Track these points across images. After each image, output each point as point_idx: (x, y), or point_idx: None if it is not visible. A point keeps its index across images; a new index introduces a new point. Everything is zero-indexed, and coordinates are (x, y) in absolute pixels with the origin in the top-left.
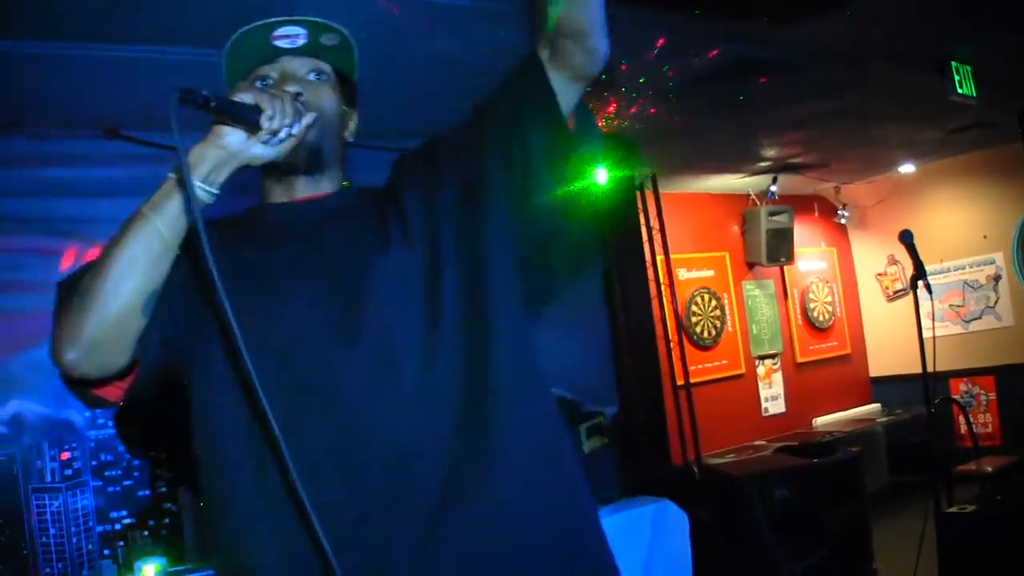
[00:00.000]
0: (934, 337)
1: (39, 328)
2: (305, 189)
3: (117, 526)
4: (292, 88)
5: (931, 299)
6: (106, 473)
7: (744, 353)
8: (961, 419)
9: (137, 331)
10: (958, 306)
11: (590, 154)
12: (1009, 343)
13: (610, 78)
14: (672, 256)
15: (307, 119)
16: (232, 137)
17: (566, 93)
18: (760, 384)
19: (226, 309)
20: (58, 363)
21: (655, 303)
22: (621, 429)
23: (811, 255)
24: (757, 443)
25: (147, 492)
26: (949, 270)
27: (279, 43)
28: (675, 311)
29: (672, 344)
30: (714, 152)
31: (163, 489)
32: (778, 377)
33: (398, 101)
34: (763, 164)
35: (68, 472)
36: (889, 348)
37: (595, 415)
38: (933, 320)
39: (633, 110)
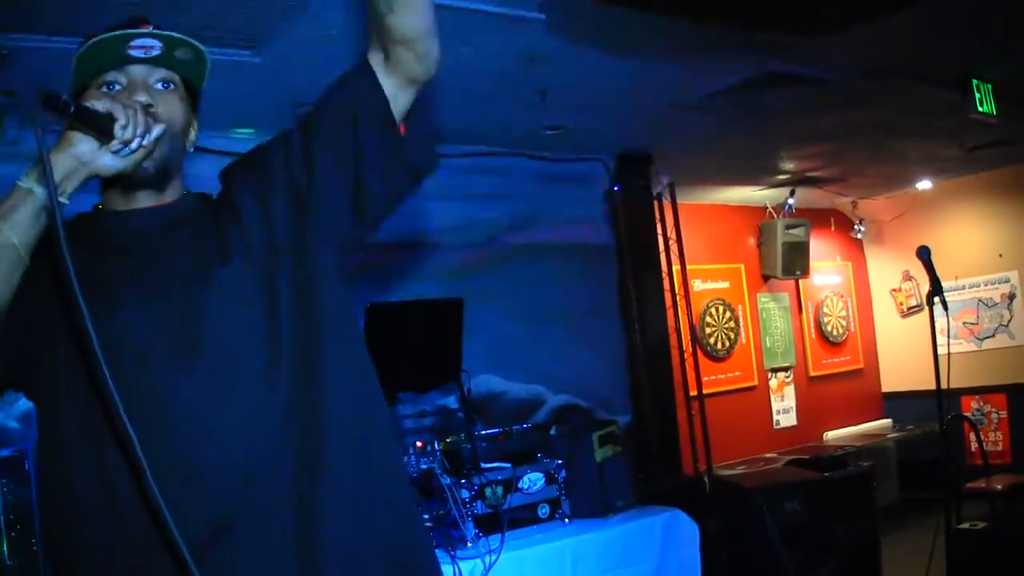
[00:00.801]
0: (949, 354)
1: None
2: (147, 200)
3: None
4: (142, 98)
5: (947, 316)
6: None
7: (757, 365)
8: (972, 436)
9: None
10: (972, 324)
11: (423, 162)
12: (1022, 362)
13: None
14: (688, 267)
15: (157, 131)
16: (84, 146)
17: (399, 97)
18: (772, 397)
19: (84, 315)
20: None
21: (670, 313)
22: (634, 438)
23: (826, 269)
24: (768, 455)
25: None
26: (964, 287)
27: (133, 52)
28: (690, 322)
29: (686, 355)
30: (733, 164)
31: None
32: (790, 390)
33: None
34: (782, 177)
35: None
36: (902, 364)
37: (608, 424)
38: (949, 337)
39: (653, 119)
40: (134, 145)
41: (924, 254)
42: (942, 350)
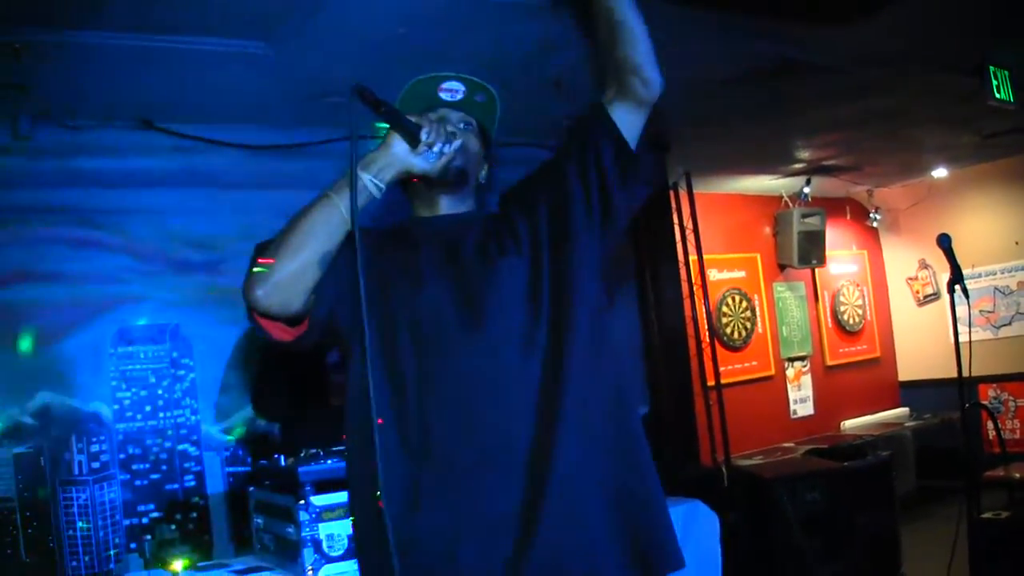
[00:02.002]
0: (970, 342)
1: (68, 320)
2: (446, 207)
3: (144, 519)
4: (447, 127)
5: (968, 303)
6: (133, 467)
7: (774, 355)
8: (989, 424)
9: (312, 281)
10: (988, 312)
11: (653, 174)
12: None
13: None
14: (704, 256)
15: (457, 143)
16: (398, 147)
17: (632, 120)
18: (789, 386)
19: (361, 286)
20: (248, 298)
21: (687, 303)
22: (651, 429)
23: (842, 258)
24: (785, 445)
25: (175, 486)
26: (980, 275)
27: (443, 95)
28: (707, 312)
29: (703, 345)
30: (749, 153)
31: (191, 483)
32: (807, 379)
33: None
34: (797, 166)
35: (96, 465)
36: (919, 352)
37: None
38: (969, 326)
39: (669, 109)
40: (436, 149)
41: (944, 242)
42: (962, 338)
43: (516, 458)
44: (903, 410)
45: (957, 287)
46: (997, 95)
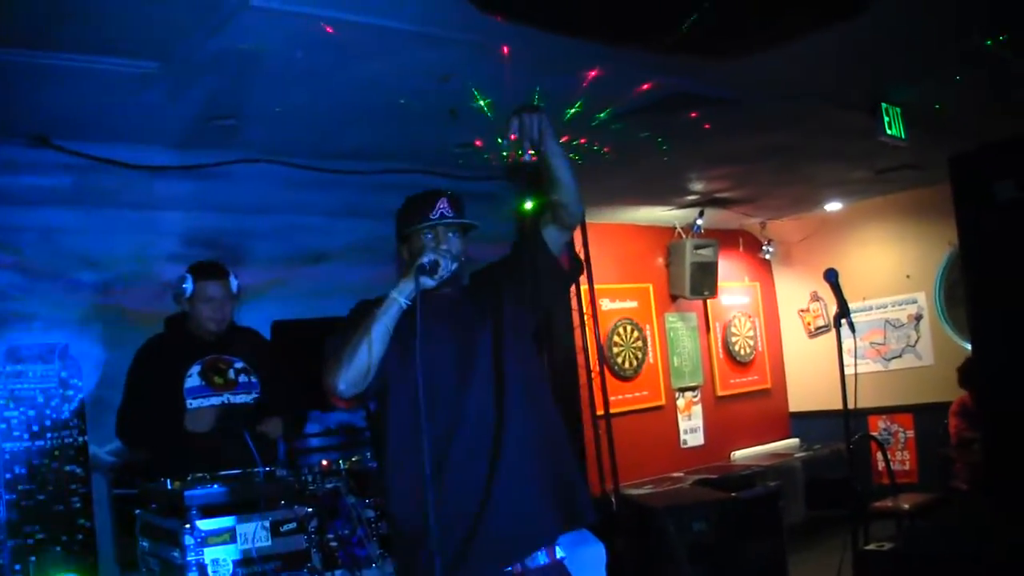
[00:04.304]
0: (856, 374)
1: None
2: (442, 289)
3: (30, 540)
4: (445, 246)
5: (854, 337)
6: (20, 487)
7: (665, 385)
8: (879, 456)
9: (372, 374)
10: (879, 344)
11: (575, 274)
12: (929, 382)
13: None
14: (596, 286)
15: (455, 266)
16: (421, 276)
17: (558, 238)
18: (680, 416)
19: (418, 363)
20: (333, 389)
21: (577, 333)
22: None
23: (734, 289)
24: (675, 475)
25: (61, 507)
26: (871, 308)
27: (442, 223)
28: (597, 341)
29: (593, 374)
30: (642, 184)
31: (77, 505)
32: (698, 409)
33: (334, 122)
34: (691, 198)
35: None
36: (809, 384)
37: None
38: (856, 358)
39: (563, 140)
40: (444, 275)
41: (831, 276)
42: (849, 371)
43: (479, 448)
44: (793, 441)
45: (843, 321)
46: (889, 131)
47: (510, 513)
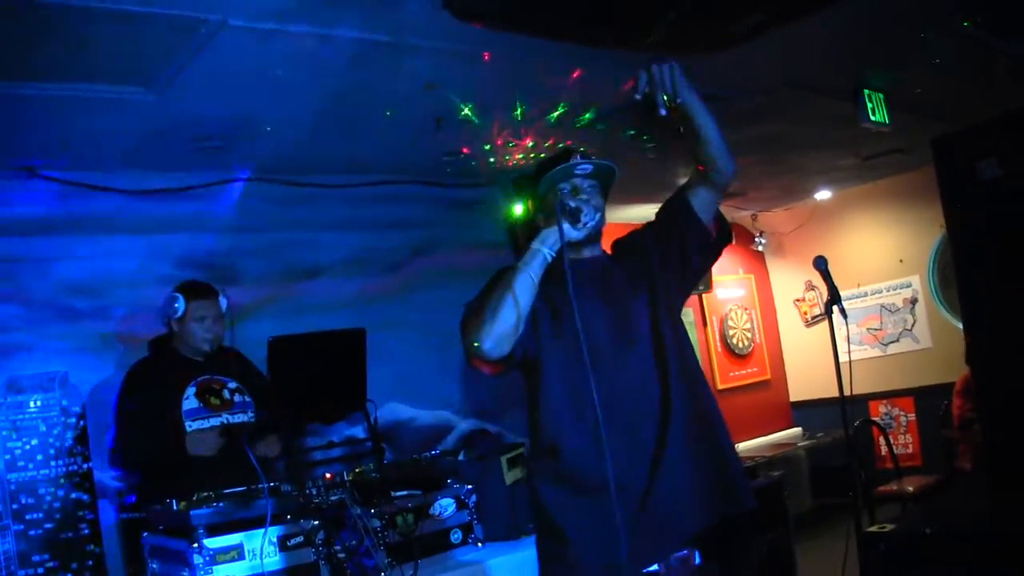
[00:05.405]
0: (850, 361)
1: None
2: (586, 252)
3: (40, 570)
4: (586, 196)
5: (846, 324)
6: (27, 516)
7: None
8: (882, 440)
9: (520, 331)
10: (876, 329)
11: (726, 240)
12: (927, 364)
13: (524, 111)
14: None
15: (598, 216)
16: (565, 226)
17: (709, 200)
18: None
19: (576, 319)
20: (476, 348)
21: None
22: None
23: (729, 282)
24: None
25: (70, 535)
26: (867, 294)
27: (578, 171)
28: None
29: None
30: (631, 183)
31: (85, 531)
32: None
33: (320, 137)
34: None
35: None
36: (809, 372)
37: (517, 446)
38: (849, 344)
39: (550, 142)
40: (588, 223)
41: (821, 264)
42: (844, 358)
43: (643, 423)
44: (796, 430)
45: (835, 307)
46: (872, 117)
47: (673, 490)
